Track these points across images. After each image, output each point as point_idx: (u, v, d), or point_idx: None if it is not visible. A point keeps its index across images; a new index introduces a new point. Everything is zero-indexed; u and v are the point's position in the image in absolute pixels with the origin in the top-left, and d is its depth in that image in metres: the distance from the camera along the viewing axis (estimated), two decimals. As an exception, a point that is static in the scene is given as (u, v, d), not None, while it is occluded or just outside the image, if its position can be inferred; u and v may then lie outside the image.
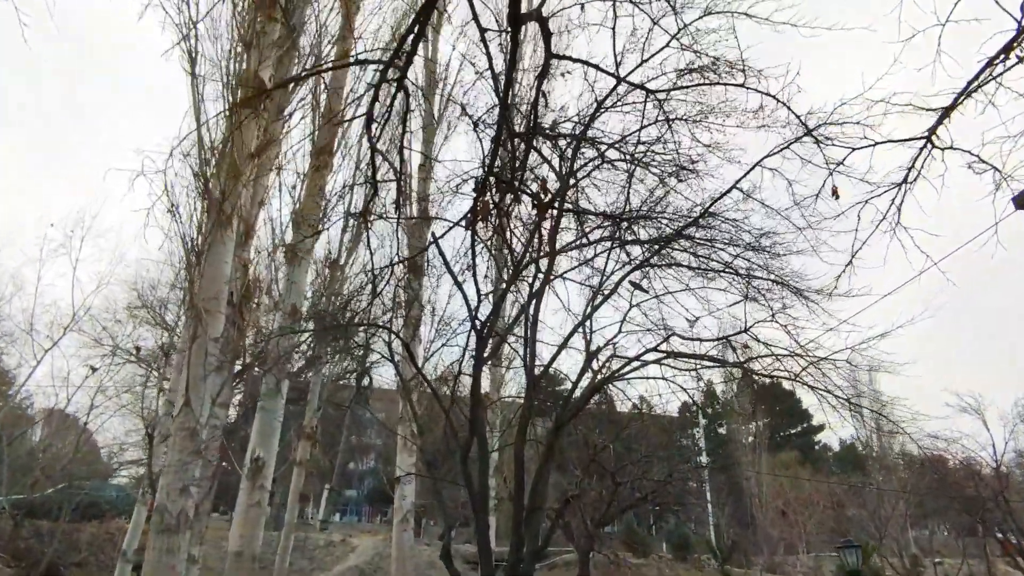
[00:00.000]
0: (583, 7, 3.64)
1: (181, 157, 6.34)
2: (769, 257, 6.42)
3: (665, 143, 5.97)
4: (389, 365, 8.43)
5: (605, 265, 7.10)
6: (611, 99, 6.04)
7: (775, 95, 4.48)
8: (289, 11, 7.35)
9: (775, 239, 6.33)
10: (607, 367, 7.07)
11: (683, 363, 6.90)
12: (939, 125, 3.85)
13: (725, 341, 6.70)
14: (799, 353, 6.18)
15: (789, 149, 5.19)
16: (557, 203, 5.88)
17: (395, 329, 7.58)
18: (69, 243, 16.80)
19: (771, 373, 6.60)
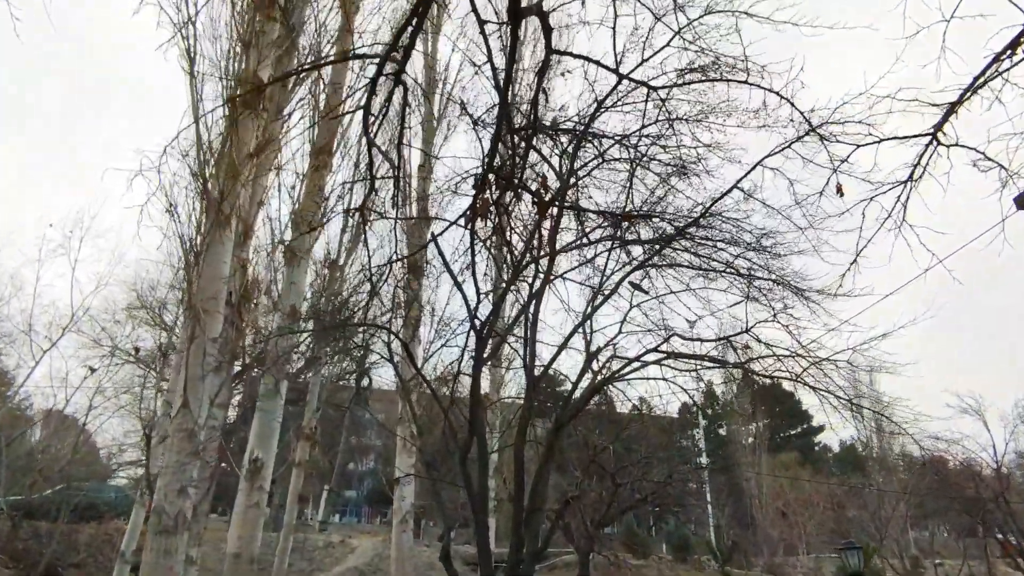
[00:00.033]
0: (584, 2, 3.61)
1: (180, 157, 6.32)
2: (770, 257, 6.40)
3: (667, 140, 5.95)
4: (388, 366, 8.40)
5: (605, 265, 7.08)
6: (611, 98, 6.02)
7: (778, 91, 4.45)
8: (288, 11, 7.32)
9: (776, 239, 6.32)
10: (607, 368, 7.05)
11: (683, 364, 6.88)
12: (945, 122, 3.82)
13: (726, 341, 6.68)
14: (800, 354, 6.16)
15: (791, 149, 5.18)
16: (557, 201, 5.85)
17: (394, 329, 7.55)
18: (68, 243, 16.79)
19: (772, 374, 6.57)
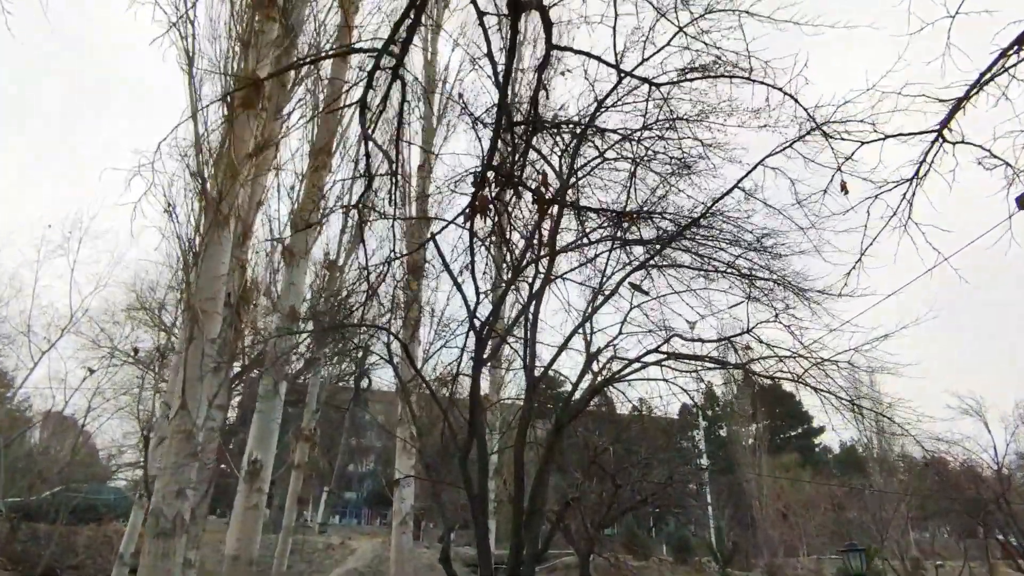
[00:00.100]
0: (585, -1, 3.58)
1: (179, 157, 6.30)
2: (771, 258, 6.37)
3: (669, 137, 5.92)
4: (388, 367, 8.37)
5: (606, 265, 7.05)
6: (612, 98, 6.00)
7: (782, 88, 4.42)
8: (287, 10, 7.30)
9: (777, 239, 6.29)
10: (608, 368, 7.01)
11: (684, 364, 6.84)
12: (950, 119, 3.78)
13: (727, 342, 6.65)
14: (802, 354, 6.12)
15: (792, 148, 5.15)
16: (558, 200, 5.82)
17: (394, 330, 7.52)
18: (67, 244, 16.82)
19: (773, 374, 6.54)
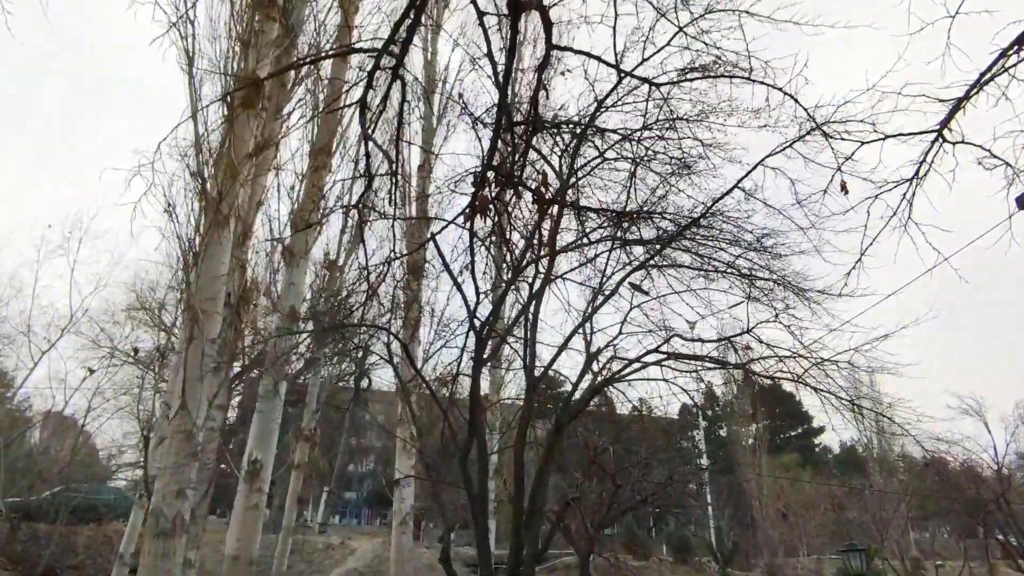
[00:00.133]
0: (585, -1, 3.58)
1: (179, 157, 6.30)
2: (771, 258, 6.37)
3: (669, 137, 5.92)
4: (388, 367, 8.37)
5: (606, 266, 7.05)
6: (611, 98, 6.00)
7: (782, 88, 4.42)
8: (287, 10, 7.30)
9: (777, 239, 6.29)
10: (608, 368, 7.01)
11: (684, 364, 6.84)
12: (950, 119, 3.78)
13: (727, 342, 6.65)
14: (802, 354, 6.12)
15: (792, 148, 5.14)
16: (558, 200, 5.82)
17: (394, 330, 7.52)
18: (67, 244, 16.83)
19: (773, 374, 6.54)
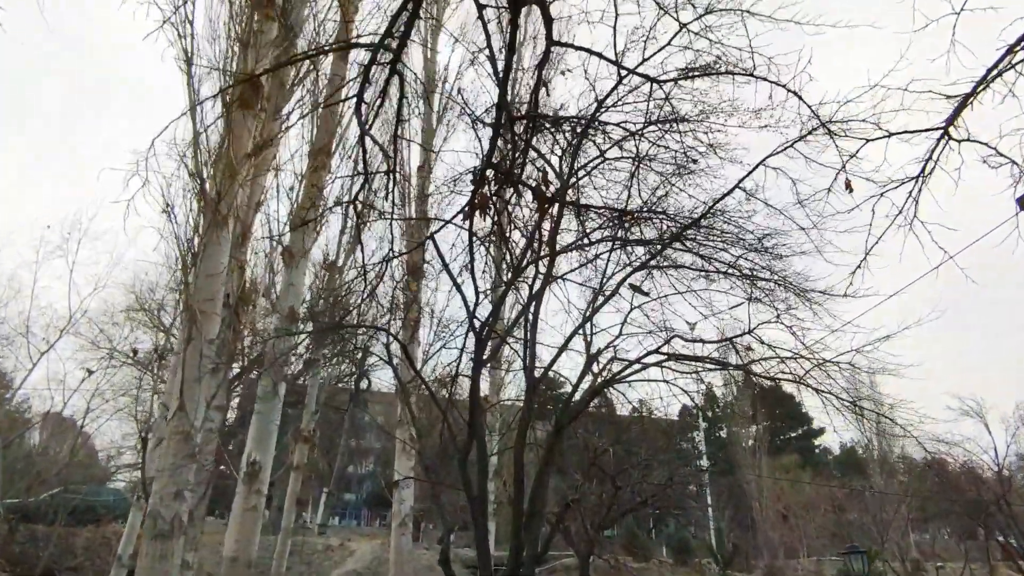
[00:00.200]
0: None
1: (178, 157, 6.27)
2: (772, 258, 6.34)
3: (671, 134, 5.89)
4: (387, 368, 8.35)
5: (606, 266, 7.02)
6: (612, 97, 5.97)
7: (785, 84, 4.39)
8: (286, 10, 7.28)
9: (778, 240, 6.26)
10: (608, 370, 6.98)
11: (685, 365, 6.81)
12: (956, 116, 3.75)
13: (729, 343, 6.62)
14: (804, 355, 6.09)
15: (793, 148, 5.12)
16: (558, 198, 5.79)
17: (393, 331, 7.49)
18: (66, 245, 16.76)
19: (774, 376, 6.51)
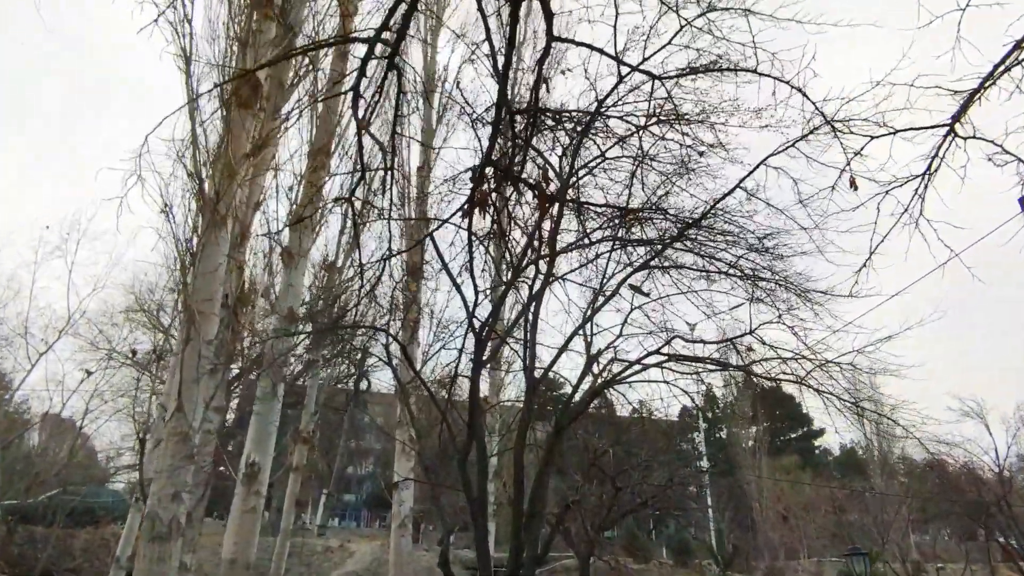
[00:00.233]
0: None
1: (176, 157, 6.24)
2: (773, 258, 6.32)
3: (673, 131, 5.86)
4: (387, 368, 8.32)
5: (606, 266, 7.00)
6: (613, 97, 5.94)
7: (788, 81, 4.36)
8: (286, 10, 7.26)
9: (779, 240, 6.24)
10: (608, 370, 6.96)
11: (685, 366, 6.79)
12: (962, 113, 3.72)
13: (730, 343, 6.59)
14: (805, 356, 6.06)
15: (795, 147, 5.09)
16: (558, 197, 5.77)
17: (393, 332, 7.47)
18: (65, 246, 16.70)
19: (775, 376, 6.48)
